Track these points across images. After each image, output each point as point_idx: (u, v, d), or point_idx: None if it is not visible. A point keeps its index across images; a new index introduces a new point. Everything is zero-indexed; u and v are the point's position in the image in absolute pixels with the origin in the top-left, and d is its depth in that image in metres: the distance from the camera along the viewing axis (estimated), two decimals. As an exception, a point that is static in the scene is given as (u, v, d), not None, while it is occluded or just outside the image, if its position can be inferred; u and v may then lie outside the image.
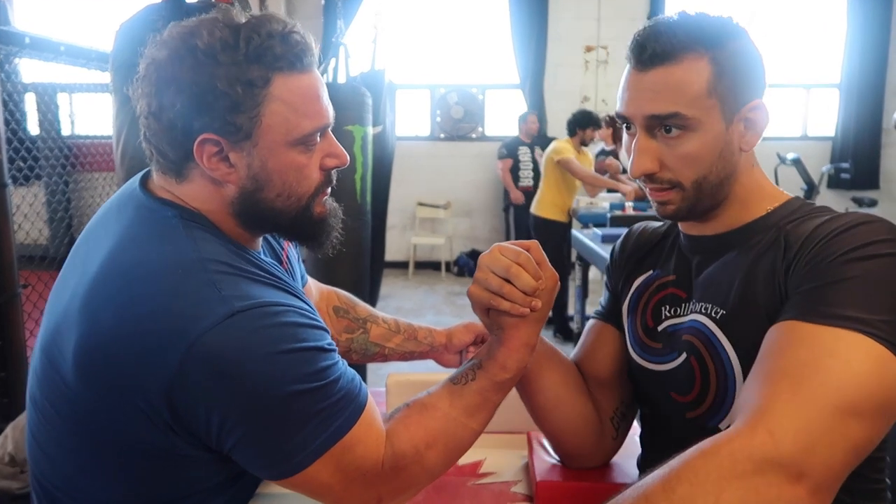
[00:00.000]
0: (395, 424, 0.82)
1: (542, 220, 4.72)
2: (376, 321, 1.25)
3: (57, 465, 0.80)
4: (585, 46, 6.45)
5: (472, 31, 6.65)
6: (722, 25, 0.82)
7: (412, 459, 0.80)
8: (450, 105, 6.73)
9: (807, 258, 0.76)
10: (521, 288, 0.82)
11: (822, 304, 0.71)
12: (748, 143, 0.84)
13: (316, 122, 0.80)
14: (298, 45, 0.77)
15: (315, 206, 0.84)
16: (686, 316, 0.89)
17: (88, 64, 3.09)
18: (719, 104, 0.81)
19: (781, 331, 0.72)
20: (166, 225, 0.78)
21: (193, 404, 0.71)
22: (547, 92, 6.48)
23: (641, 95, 0.83)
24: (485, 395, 0.84)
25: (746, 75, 0.82)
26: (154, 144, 0.79)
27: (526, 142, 5.94)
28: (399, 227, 6.64)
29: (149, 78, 0.76)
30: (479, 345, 1.28)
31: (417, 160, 6.54)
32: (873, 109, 6.41)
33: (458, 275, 6.61)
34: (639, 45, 0.82)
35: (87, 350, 0.72)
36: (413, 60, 6.58)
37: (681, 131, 0.81)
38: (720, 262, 0.87)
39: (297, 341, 0.74)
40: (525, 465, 1.03)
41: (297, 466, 0.74)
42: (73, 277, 0.80)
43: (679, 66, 0.80)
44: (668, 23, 0.82)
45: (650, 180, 0.85)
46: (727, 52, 0.81)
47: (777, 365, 0.69)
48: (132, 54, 1.61)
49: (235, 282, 0.75)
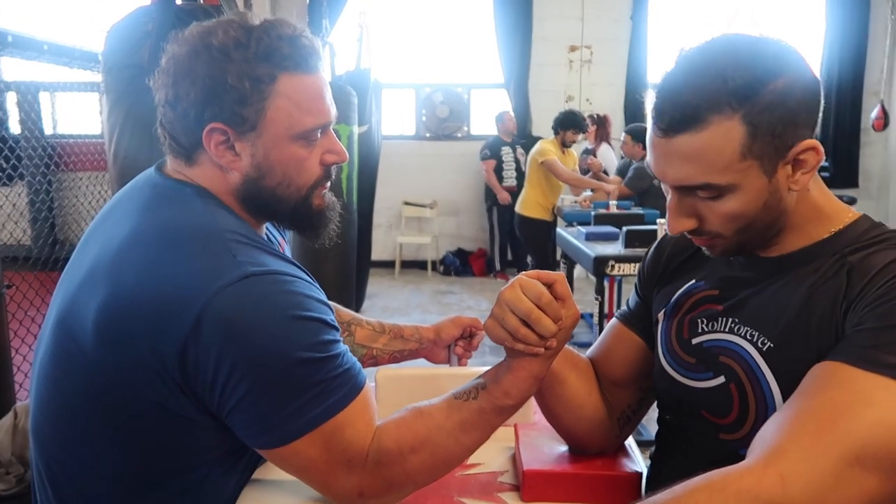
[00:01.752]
0: (388, 423, 0.85)
1: (526, 220, 4.76)
2: (360, 323, 1.27)
3: (64, 438, 0.84)
4: (569, 46, 6.50)
5: (456, 31, 6.66)
6: (756, 70, 0.71)
7: (394, 459, 0.82)
8: (435, 104, 6.75)
9: (870, 298, 0.70)
10: (540, 333, 0.78)
11: (871, 348, 0.66)
12: (798, 184, 0.76)
13: (318, 119, 0.86)
14: (305, 48, 0.84)
15: (314, 199, 0.90)
16: (724, 334, 0.84)
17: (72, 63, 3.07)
18: (758, 162, 0.72)
19: (824, 370, 0.68)
20: (185, 199, 0.85)
21: (203, 362, 0.75)
22: (531, 91, 6.52)
23: (666, 162, 0.75)
24: (483, 416, 0.84)
25: (791, 121, 0.72)
26: (168, 130, 0.86)
27: (507, 141, 5.98)
28: (385, 227, 6.65)
29: (168, 71, 0.83)
30: (469, 338, 1.31)
31: (403, 159, 6.55)
32: (852, 109, 6.51)
33: (444, 274, 6.64)
34: (657, 110, 0.74)
35: (109, 311, 0.77)
36: (398, 60, 6.59)
37: (716, 194, 0.75)
38: (774, 287, 0.81)
39: (304, 310, 0.78)
40: (512, 456, 1.05)
41: (288, 436, 0.78)
42: (90, 254, 0.84)
43: (705, 132, 0.71)
44: (688, 79, 0.72)
45: (690, 233, 0.81)
46: (763, 102, 0.70)
47: (807, 404, 0.65)
48: (123, 55, 1.63)
49: (250, 250, 0.80)
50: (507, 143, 5.99)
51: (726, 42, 0.74)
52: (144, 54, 1.52)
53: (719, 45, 0.74)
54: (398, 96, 6.74)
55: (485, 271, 6.59)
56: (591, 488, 0.92)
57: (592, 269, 3.18)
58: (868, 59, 6.43)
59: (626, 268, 3.11)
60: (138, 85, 1.52)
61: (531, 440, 1.03)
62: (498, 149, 5.98)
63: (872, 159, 6.65)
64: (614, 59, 6.47)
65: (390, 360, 1.28)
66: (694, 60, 0.73)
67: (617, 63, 6.48)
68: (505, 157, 5.97)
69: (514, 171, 5.95)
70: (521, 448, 1.00)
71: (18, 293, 2.89)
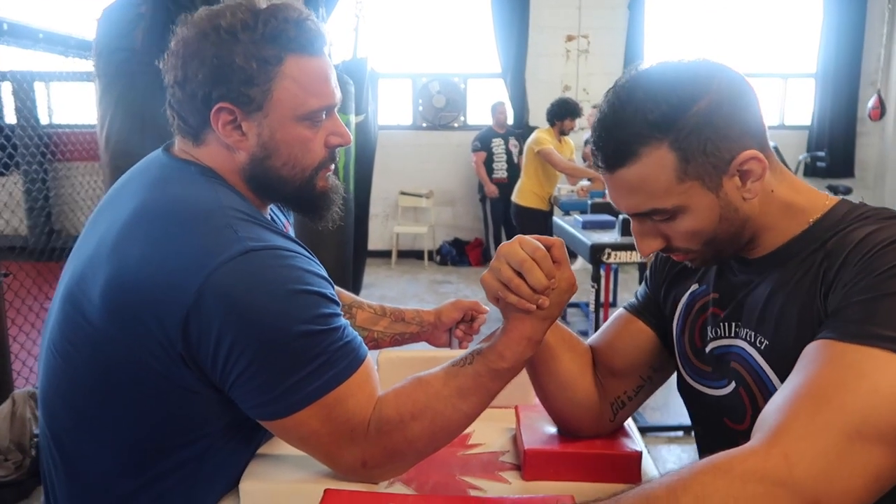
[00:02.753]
0: (389, 393, 0.86)
1: (522, 209, 4.76)
2: (361, 306, 1.28)
3: (72, 408, 0.85)
4: (566, 36, 6.48)
5: (453, 21, 6.64)
6: (672, 99, 0.73)
7: (395, 426, 0.83)
8: (432, 94, 6.73)
9: (849, 275, 0.71)
10: (532, 284, 0.81)
11: (857, 322, 0.66)
12: (751, 192, 0.78)
13: (323, 101, 0.87)
14: (311, 32, 0.86)
15: (318, 180, 0.92)
16: (731, 339, 0.86)
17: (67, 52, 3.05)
18: (698, 182, 0.76)
19: (814, 349, 0.69)
20: (190, 177, 0.87)
21: (206, 334, 0.76)
22: (528, 81, 6.51)
23: (615, 194, 0.81)
24: (479, 381, 0.86)
25: (722, 136, 0.74)
26: (177, 111, 0.88)
27: (499, 132, 5.98)
28: (381, 217, 6.64)
29: (177, 52, 0.85)
30: (469, 322, 1.31)
31: (400, 149, 6.54)
32: (848, 99, 6.52)
33: (440, 263, 6.64)
34: (595, 148, 0.80)
35: (115, 284, 0.79)
36: (395, 49, 6.56)
37: (667, 217, 0.79)
38: (763, 284, 0.83)
39: (304, 284, 0.80)
40: (512, 436, 1.06)
41: (292, 407, 0.79)
42: (99, 230, 0.87)
43: (638, 164, 0.75)
44: (616, 117, 0.76)
45: (662, 251, 0.84)
46: (687, 127, 0.73)
47: (802, 383, 0.66)
48: (115, 38, 1.61)
49: (251, 227, 0.82)
50: (499, 134, 6.00)
51: (646, 74, 0.77)
52: (137, 37, 1.51)
53: (640, 79, 0.77)
54: (395, 86, 6.73)
55: (481, 261, 6.60)
56: (592, 467, 0.93)
57: (589, 258, 3.18)
58: (865, 49, 6.43)
59: (622, 255, 3.11)
60: (130, 68, 1.51)
61: (532, 421, 1.03)
62: (489, 140, 5.98)
63: (869, 149, 6.67)
64: (611, 48, 6.46)
65: (391, 343, 1.28)
66: (620, 97, 0.77)
67: (614, 52, 6.46)
68: (496, 148, 5.98)
69: (504, 163, 5.96)
70: (521, 428, 1.00)
71: (16, 282, 2.88)
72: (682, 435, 3.03)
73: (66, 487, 0.88)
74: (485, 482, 0.92)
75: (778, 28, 6.64)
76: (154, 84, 1.60)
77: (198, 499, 0.87)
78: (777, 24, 6.63)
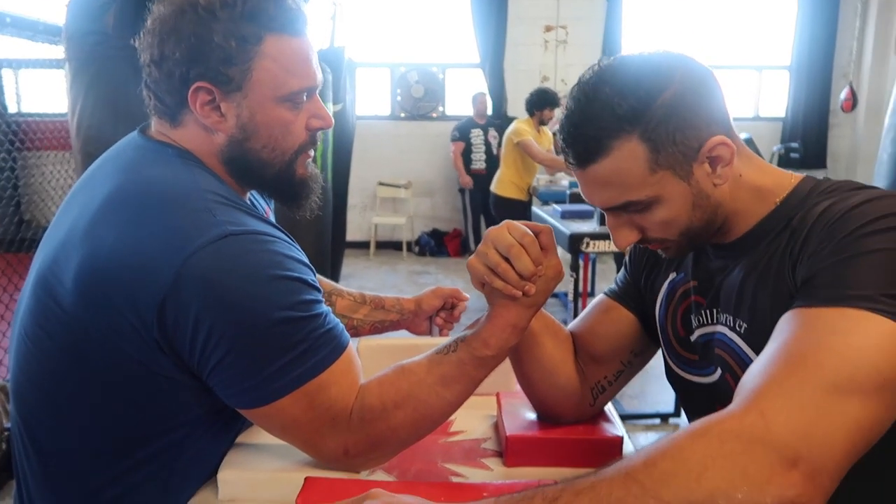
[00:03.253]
0: (372, 381, 0.85)
1: (502, 199, 4.77)
2: (341, 294, 1.27)
3: (45, 396, 0.83)
4: (545, 26, 6.48)
5: (432, 10, 6.60)
6: (639, 91, 0.74)
7: (378, 415, 0.82)
8: (410, 84, 6.69)
9: (813, 246, 0.72)
10: (518, 270, 0.81)
11: (826, 286, 0.68)
12: (721, 178, 0.79)
13: (303, 81, 0.85)
14: (292, 11, 0.84)
15: (297, 167, 0.90)
16: (714, 326, 0.87)
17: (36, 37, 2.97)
18: (670, 171, 0.76)
19: (788, 318, 0.69)
20: (167, 160, 0.85)
21: (183, 319, 0.74)
22: (507, 71, 6.50)
23: (588, 189, 0.81)
24: (463, 368, 0.85)
25: (690, 123, 0.75)
26: (153, 91, 0.85)
27: (479, 123, 5.98)
28: (360, 207, 6.61)
29: (153, 30, 0.82)
30: (450, 310, 1.30)
31: (378, 139, 6.51)
32: (821, 91, 6.61)
33: (419, 254, 6.63)
34: (564, 146, 0.79)
35: (89, 268, 0.77)
36: (373, 39, 6.51)
37: (641, 208, 0.79)
38: (737, 268, 0.84)
39: (284, 269, 0.78)
40: (494, 424, 1.06)
41: (272, 395, 0.78)
42: (71, 215, 0.84)
43: (609, 158, 0.76)
44: (584, 113, 0.76)
45: (639, 242, 0.84)
46: (655, 118, 0.74)
47: (777, 347, 0.67)
48: (86, 21, 1.57)
49: (230, 211, 0.80)
50: (478, 125, 5.99)
51: (610, 69, 0.78)
52: (109, 20, 1.47)
53: (605, 74, 0.77)
54: (373, 75, 6.68)
55: (460, 252, 6.60)
56: (573, 453, 0.93)
57: (568, 247, 3.19)
58: (837, 42, 6.52)
59: (600, 245, 3.13)
60: (102, 52, 1.47)
61: (513, 408, 1.03)
62: (468, 131, 5.98)
63: (841, 140, 6.77)
64: (590, 38, 6.47)
65: (371, 330, 1.27)
66: (586, 93, 0.77)
67: (592, 43, 6.48)
68: (474, 139, 5.98)
69: (483, 154, 5.96)
70: (503, 415, 1.00)
71: (-16, 272, 2.82)
72: (659, 423, 3.06)
73: (38, 479, 0.86)
74: (467, 469, 0.92)
75: (753, 21, 6.70)
76: (126, 68, 1.56)
77: (175, 488, 0.85)
78: (752, 17, 6.69)
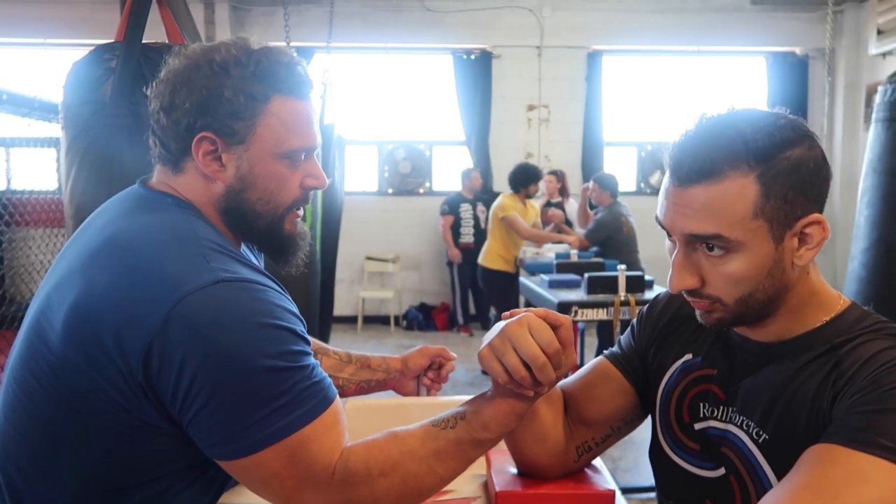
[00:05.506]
0: (359, 444, 0.83)
1: (489, 272, 4.81)
2: (326, 352, 1.26)
3: (27, 443, 0.81)
4: (528, 105, 6.71)
5: (419, 90, 6.83)
6: (775, 136, 0.73)
7: (361, 480, 0.80)
8: (398, 160, 6.84)
9: (858, 386, 0.71)
10: (540, 380, 0.77)
11: (864, 430, 0.67)
12: (802, 259, 0.77)
13: (303, 141, 0.89)
14: (300, 76, 0.88)
15: (286, 223, 0.92)
16: (725, 423, 0.84)
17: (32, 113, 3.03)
18: (767, 224, 0.74)
19: (817, 451, 0.68)
20: (165, 208, 0.87)
21: (169, 364, 0.74)
22: (492, 148, 6.68)
23: (680, 211, 0.76)
24: (459, 447, 0.83)
25: (802, 190, 0.74)
26: (160, 137, 0.89)
27: (468, 198, 6.10)
28: (347, 282, 6.61)
29: (167, 80, 0.87)
30: (437, 370, 1.29)
31: (366, 214, 6.58)
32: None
33: (407, 328, 6.59)
34: (677, 160, 0.76)
35: (79, 308, 0.77)
36: (361, 117, 6.69)
37: (723, 251, 0.75)
38: (765, 372, 0.81)
39: (273, 318, 0.78)
40: (483, 482, 1.04)
41: (252, 447, 0.76)
42: (67, 259, 0.86)
43: (721, 185, 0.73)
44: (710, 136, 0.75)
45: (690, 294, 0.80)
46: (779, 167, 0.73)
47: (804, 480, 0.66)
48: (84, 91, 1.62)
49: (224, 259, 0.81)
50: (467, 199, 6.10)
51: (748, 111, 0.77)
52: (106, 91, 1.52)
53: (742, 112, 0.77)
54: (361, 152, 6.82)
55: (448, 325, 6.57)
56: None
57: (556, 316, 3.18)
58: (808, 119, 6.78)
59: (588, 313, 3.14)
60: (98, 121, 1.51)
61: (502, 465, 1.01)
62: (457, 205, 6.08)
63: (818, 213, 6.92)
64: (571, 117, 6.70)
65: (357, 390, 1.26)
66: (717, 122, 0.76)
67: (573, 121, 6.70)
68: (464, 213, 6.07)
69: (472, 228, 6.05)
70: (493, 472, 0.98)
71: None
72: (655, 496, 2.99)
73: None
74: (457, 527, 0.90)
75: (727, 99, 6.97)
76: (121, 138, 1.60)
77: None
78: (725, 98, 6.97)
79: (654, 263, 4.25)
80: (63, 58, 6.18)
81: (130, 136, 1.49)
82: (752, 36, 6.64)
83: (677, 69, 6.90)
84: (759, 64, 6.89)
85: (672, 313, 0.96)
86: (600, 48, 6.66)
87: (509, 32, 6.54)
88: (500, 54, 6.63)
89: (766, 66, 6.82)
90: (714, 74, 6.92)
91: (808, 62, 6.74)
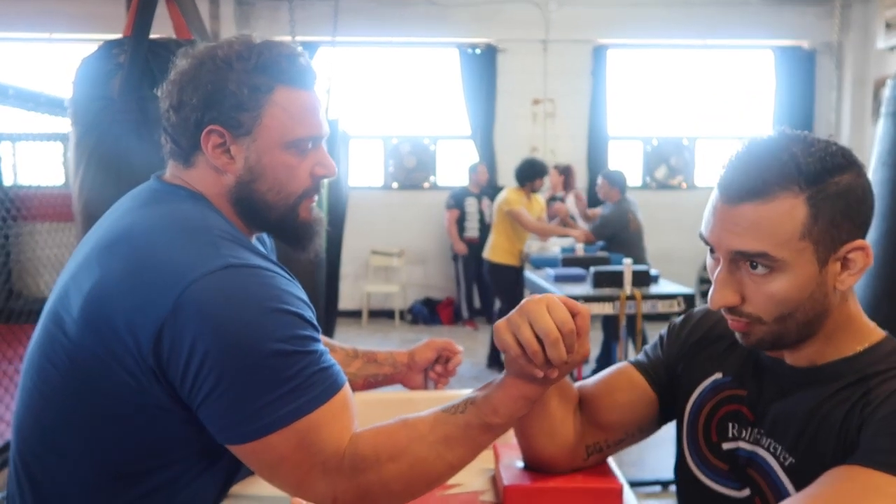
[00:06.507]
0: (369, 429, 0.84)
1: (495, 266, 4.81)
2: (332, 348, 1.26)
3: (44, 430, 0.83)
4: (533, 99, 6.69)
5: (423, 85, 6.82)
6: (826, 160, 0.75)
7: (370, 465, 0.81)
8: (402, 155, 6.84)
9: (883, 414, 0.72)
10: (551, 358, 0.78)
11: (884, 451, 0.68)
12: (844, 284, 0.77)
13: (309, 130, 0.90)
14: (302, 67, 0.90)
15: (301, 210, 0.93)
16: (753, 444, 0.85)
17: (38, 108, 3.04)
18: (813, 246, 0.75)
19: (838, 470, 0.70)
20: (177, 199, 0.90)
21: (178, 347, 0.76)
22: (497, 142, 6.67)
23: (728, 228, 0.77)
24: (468, 432, 0.83)
25: (848, 216, 0.75)
26: (171, 134, 0.92)
27: (474, 192, 6.09)
28: (352, 276, 6.61)
29: (175, 80, 0.90)
30: (444, 363, 1.30)
31: (371, 209, 6.58)
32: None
33: (412, 323, 6.60)
34: (727, 179, 0.77)
35: (94, 296, 0.80)
36: (366, 112, 6.69)
37: (767, 270, 0.76)
38: (796, 397, 0.81)
39: (282, 303, 0.79)
40: (491, 476, 1.04)
41: (261, 431, 0.77)
42: (85, 250, 0.88)
43: (770, 204, 0.74)
44: (762, 156, 0.76)
45: (730, 311, 0.80)
46: (828, 191, 0.74)
47: (820, 491, 0.67)
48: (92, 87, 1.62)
49: (234, 247, 0.83)
50: (473, 194, 6.10)
51: (802, 135, 0.78)
52: (114, 86, 1.52)
53: (794, 136, 0.78)
54: (366, 147, 6.82)
55: (453, 320, 6.57)
56: (573, 502, 0.91)
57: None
58: (816, 113, 6.75)
59: (594, 307, 3.14)
60: (107, 117, 1.52)
61: (510, 460, 1.02)
62: (462, 199, 6.08)
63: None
64: (576, 111, 6.68)
65: (364, 385, 1.26)
66: (768, 143, 0.77)
67: (579, 115, 6.68)
68: (469, 207, 6.07)
69: (477, 223, 6.05)
70: (501, 466, 0.99)
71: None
72: (660, 490, 3.00)
73: None
74: (465, 521, 0.90)
75: (734, 95, 6.95)
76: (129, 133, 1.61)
77: None
78: (733, 92, 6.94)
79: (660, 258, 4.25)
80: (69, 52, 6.20)
81: (139, 133, 1.49)
82: (759, 30, 6.60)
83: (683, 63, 6.87)
84: (766, 58, 6.84)
85: (705, 330, 0.96)
86: (606, 42, 6.63)
87: (514, 26, 6.52)
88: (505, 48, 6.61)
89: (773, 60, 6.77)
90: (721, 69, 6.89)
91: (815, 56, 6.69)
